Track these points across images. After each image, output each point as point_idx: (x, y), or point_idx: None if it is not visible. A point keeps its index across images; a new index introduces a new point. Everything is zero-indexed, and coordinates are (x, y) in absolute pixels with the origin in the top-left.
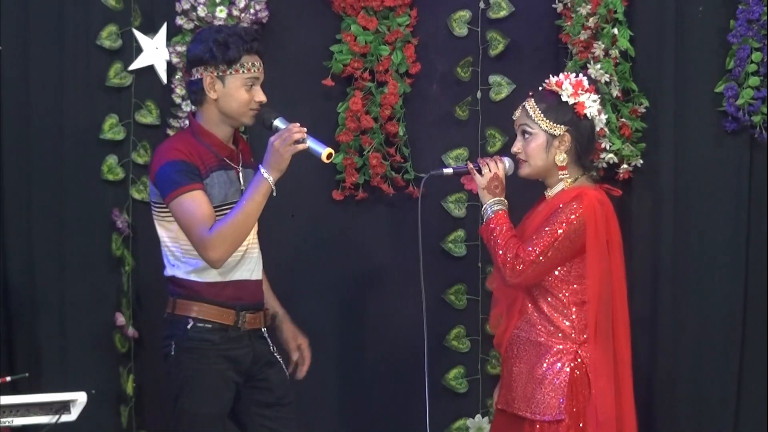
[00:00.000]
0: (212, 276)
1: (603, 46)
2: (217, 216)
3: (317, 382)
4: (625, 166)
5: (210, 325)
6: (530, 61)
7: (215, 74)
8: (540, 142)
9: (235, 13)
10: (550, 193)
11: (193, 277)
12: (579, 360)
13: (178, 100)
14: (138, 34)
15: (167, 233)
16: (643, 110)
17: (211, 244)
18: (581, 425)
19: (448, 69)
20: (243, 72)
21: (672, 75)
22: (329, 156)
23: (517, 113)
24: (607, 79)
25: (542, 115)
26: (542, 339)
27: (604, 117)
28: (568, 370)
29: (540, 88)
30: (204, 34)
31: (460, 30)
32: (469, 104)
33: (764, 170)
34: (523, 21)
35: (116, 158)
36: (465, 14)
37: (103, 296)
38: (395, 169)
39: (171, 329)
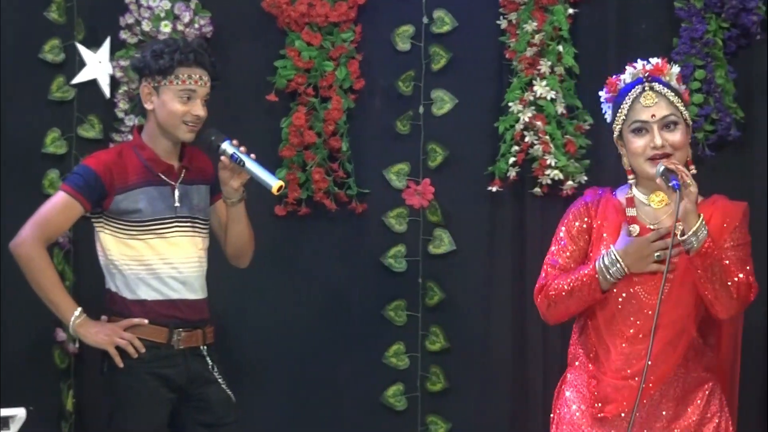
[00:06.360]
0: (141, 294)
1: (549, 63)
2: (145, 232)
3: (258, 397)
4: (570, 182)
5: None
6: (473, 77)
7: (152, 85)
8: (684, 131)
9: (180, 27)
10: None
11: (125, 294)
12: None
13: (121, 115)
14: (81, 48)
15: (98, 246)
16: (588, 127)
17: (20, 246)
18: None
19: (391, 84)
20: (177, 83)
21: None
22: (279, 188)
23: (648, 102)
24: (553, 96)
25: (680, 101)
26: (697, 374)
27: None
28: (725, 406)
29: (646, 72)
30: (146, 45)
31: (404, 45)
32: (410, 119)
33: (708, 186)
34: (466, 36)
35: (58, 172)
36: (408, 29)
37: (42, 311)
38: (338, 185)
39: None
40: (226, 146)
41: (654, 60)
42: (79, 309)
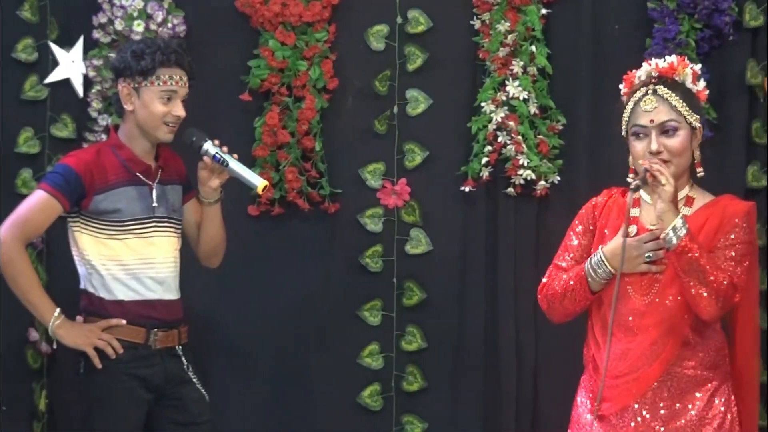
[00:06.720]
0: (119, 294)
1: (521, 63)
2: (124, 232)
3: (232, 397)
4: (542, 182)
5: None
6: (448, 77)
7: (131, 86)
8: (685, 136)
9: (153, 27)
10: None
11: (102, 294)
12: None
13: (94, 114)
14: (54, 47)
15: (74, 246)
16: (561, 127)
17: (3, 245)
18: None
19: (365, 83)
20: (158, 84)
21: (589, 92)
22: (264, 188)
23: (647, 107)
24: (525, 96)
25: (685, 105)
26: (694, 373)
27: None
28: (732, 406)
29: (656, 72)
30: (124, 45)
31: (378, 44)
32: (387, 118)
33: None
34: (441, 36)
35: (31, 172)
36: (382, 29)
37: (15, 311)
38: (311, 185)
39: None
40: (209, 146)
41: (670, 57)
42: (58, 310)
